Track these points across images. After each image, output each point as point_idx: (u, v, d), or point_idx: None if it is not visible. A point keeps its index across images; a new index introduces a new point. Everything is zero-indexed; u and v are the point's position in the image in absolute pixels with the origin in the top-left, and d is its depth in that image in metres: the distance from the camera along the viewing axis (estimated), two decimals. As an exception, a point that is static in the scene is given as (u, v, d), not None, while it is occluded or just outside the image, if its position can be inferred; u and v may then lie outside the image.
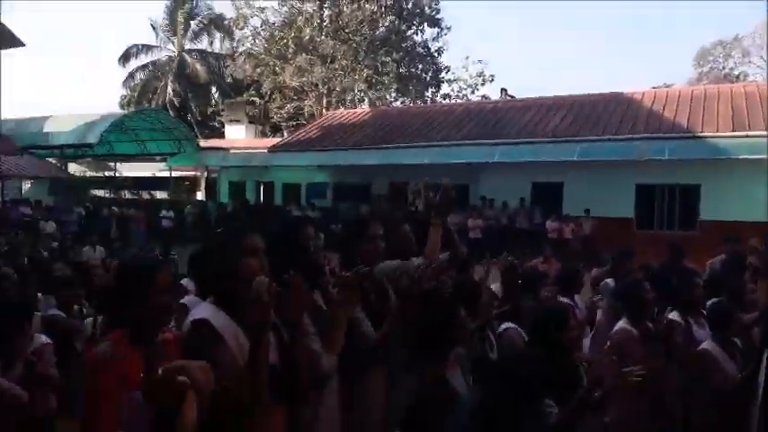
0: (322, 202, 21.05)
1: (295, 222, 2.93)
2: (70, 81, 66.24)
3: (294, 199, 21.96)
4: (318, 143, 22.02)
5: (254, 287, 1.92)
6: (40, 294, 4.73)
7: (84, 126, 20.96)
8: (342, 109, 29.16)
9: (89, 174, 26.53)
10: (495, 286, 4.22)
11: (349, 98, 33.08)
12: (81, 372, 2.70)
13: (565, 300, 4.55)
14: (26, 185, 25.91)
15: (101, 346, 2.02)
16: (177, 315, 2.89)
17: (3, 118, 19.77)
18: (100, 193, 25.98)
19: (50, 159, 23.09)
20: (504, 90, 27.08)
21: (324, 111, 30.42)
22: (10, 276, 4.85)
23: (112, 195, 24.51)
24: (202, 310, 2.13)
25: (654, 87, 21.91)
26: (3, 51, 18.45)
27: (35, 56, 63.23)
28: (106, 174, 26.24)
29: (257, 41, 32.90)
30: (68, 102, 62.20)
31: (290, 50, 30.40)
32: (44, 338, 3.39)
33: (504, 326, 3.72)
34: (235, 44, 36.32)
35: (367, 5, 30.09)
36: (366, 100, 33.08)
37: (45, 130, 21.66)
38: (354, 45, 31.00)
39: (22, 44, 18.20)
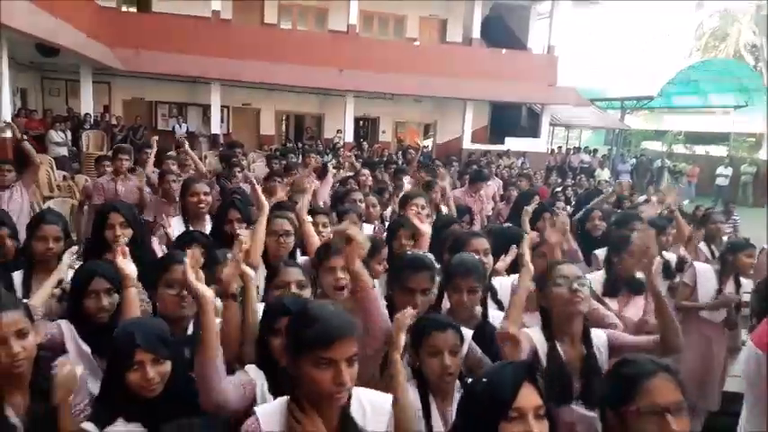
0: None
1: None
2: (639, 38, 67.42)
3: None
4: None
5: None
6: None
7: (645, 78, 21.03)
8: None
9: (643, 126, 26.81)
10: None
11: None
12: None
13: None
14: (585, 134, 28.33)
15: None
16: None
17: (571, 74, 21.90)
18: (651, 145, 26.02)
19: (609, 111, 24.31)
20: None
21: None
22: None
23: (665, 149, 24.10)
24: None
25: None
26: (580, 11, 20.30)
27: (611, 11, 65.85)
28: (660, 128, 25.93)
29: None
30: (630, 56, 63.64)
31: None
32: None
33: None
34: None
35: None
36: None
37: (610, 83, 22.82)
38: None
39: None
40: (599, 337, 2.24)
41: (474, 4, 18.42)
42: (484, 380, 1.49)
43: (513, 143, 18.77)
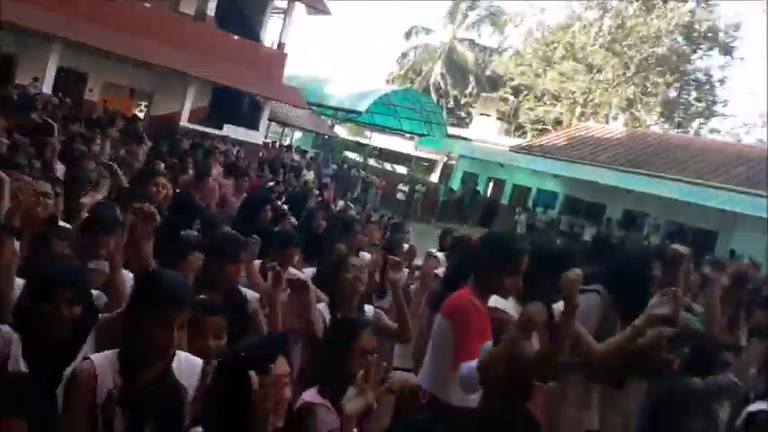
0: (543, 212, 20.94)
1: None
2: (352, 49, 73.56)
3: (522, 202, 22.08)
4: (562, 152, 21.73)
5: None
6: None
7: (357, 94, 23.57)
8: (592, 122, 28.18)
9: (348, 137, 29.82)
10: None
11: (603, 113, 31.74)
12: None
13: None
14: (297, 134, 30.14)
15: (471, 297, 2.46)
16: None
17: (290, 74, 23.22)
18: (351, 155, 29.13)
19: (323, 117, 26.41)
20: (788, 137, 23.72)
21: (574, 120, 29.70)
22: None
23: (361, 160, 27.23)
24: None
25: None
26: (311, 17, 21.65)
27: (331, 22, 70.85)
28: (361, 141, 29.24)
29: (527, 41, 33.17)
30: (346, 67, 69.47)
31: (558, 55, 30.11)
32: None
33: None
34: (503, 40, 37.16)
35: (655, 21, 28.28)
36: (621, 118, 31.40)
37: (325, 90, 24.85)
38: (626, 60, 29.50)
39: (328, 13, 21.02)
40: (369, 309, 3.08)
41: (213, -19, 18.11)
42: None
43: (231, 130, 19.01)
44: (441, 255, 5.03)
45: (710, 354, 3.18)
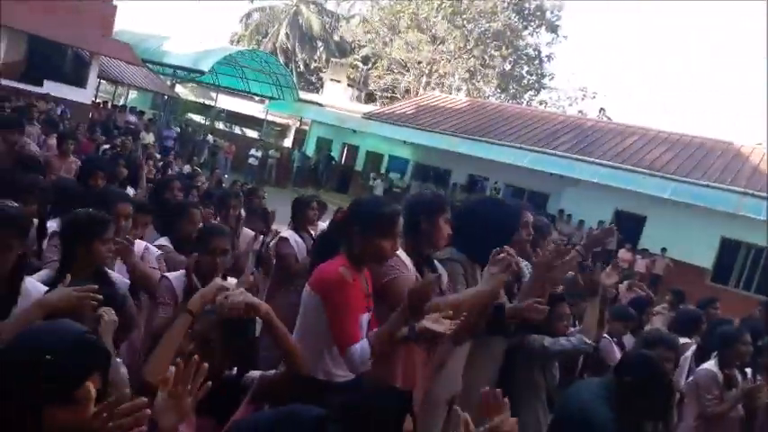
0: (399, 178, 21.50)
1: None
2: (190, 7, 68.76)
3: (375, 168, 22.40)
4: (412, 120, 22.31)
5: None
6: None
7: (200, 53, 22.04)
8: (438, 92, 29.28)
9: (191, 97, 27.90)
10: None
11: (447, 83, 33.13)
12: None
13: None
14: (131, 93, 27.54)
15: (343, 268, 2.22)
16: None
17: (123, 29, 21.04)
18: (195, 117, 27.35)
19: (161, 76, 24.40)
20: (602, 110, 26.69)
21: (421, 90, 30.65)
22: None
23: (207, 123, 25.70)
24: None
25: (759, 144, 20.46)
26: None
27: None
28: (206, 102, 27.51)
29: (374, 9, 33.33)
30: (184, 25, 64.76)
31: (404, 24, 30.66)
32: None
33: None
34: (350, 6, 36.95)
35: (492, -4, 29.91)
36: (463, 89, 33.03)
37: (163, 48, 22.88)
38: (467, 33, 30.92)
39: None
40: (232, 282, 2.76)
41: None
42: None
43: (53, 87, 16.78)
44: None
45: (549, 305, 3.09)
